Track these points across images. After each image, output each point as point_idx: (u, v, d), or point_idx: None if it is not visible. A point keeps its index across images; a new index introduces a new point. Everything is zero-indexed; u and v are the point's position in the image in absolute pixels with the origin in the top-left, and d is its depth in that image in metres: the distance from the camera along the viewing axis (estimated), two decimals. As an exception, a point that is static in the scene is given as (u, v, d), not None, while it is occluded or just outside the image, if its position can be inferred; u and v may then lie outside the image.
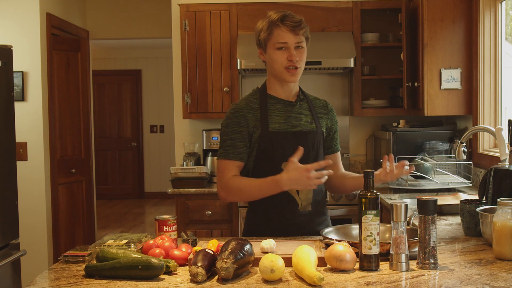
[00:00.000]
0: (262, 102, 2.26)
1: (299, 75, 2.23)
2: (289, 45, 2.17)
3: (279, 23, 2.17)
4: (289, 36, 2.17)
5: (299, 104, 2.30)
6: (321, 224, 2.30)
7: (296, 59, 2.18)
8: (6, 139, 3.32)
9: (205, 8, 4.20)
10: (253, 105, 2.26)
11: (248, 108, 2.25)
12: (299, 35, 2.18)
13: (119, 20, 6.12)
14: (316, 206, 2.29)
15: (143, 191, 10.04)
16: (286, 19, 2.17)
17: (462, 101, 3.79)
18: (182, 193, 3.90)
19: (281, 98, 2.28)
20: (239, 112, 2.24)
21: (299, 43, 2.19)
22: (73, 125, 5.25)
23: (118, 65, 9.96)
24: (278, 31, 2.18)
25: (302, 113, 2.29)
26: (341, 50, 4.07)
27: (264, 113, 2.24)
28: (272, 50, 2.20)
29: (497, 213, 1.84)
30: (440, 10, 3.74)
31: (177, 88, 4.51)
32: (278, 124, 2.24)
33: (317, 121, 2.30)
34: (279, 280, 1.63)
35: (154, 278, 1.68)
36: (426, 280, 1.62)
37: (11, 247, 3.33)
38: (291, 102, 2.29)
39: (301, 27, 2.18)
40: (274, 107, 2.26)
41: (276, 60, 2.20)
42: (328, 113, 2.36)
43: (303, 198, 2.24)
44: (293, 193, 2.23)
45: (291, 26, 2.16)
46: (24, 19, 4.57)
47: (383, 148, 4.18)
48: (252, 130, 2.23)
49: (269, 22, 2.20)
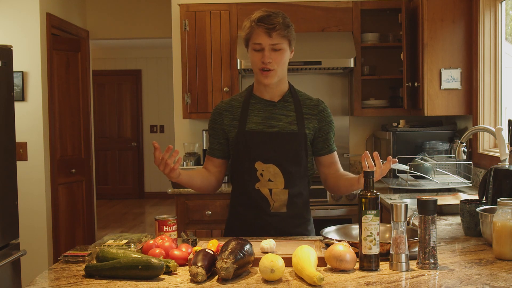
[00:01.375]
0: (245, 101, 2.29)
1: (275, 77, 2.21)
2: (263, 47, 2.17)
3: (255, 24, 2.17)
4: (263, 38, 2.17)
5: (282, 104, 2.28)
6: (298, 227, 2.30)
7: (269, 61, 2.17)
8: (6, 139, 3.32)
9: (205, 8, 4.20)
10: (234, 104, 2.31)
11: (227, 106, 2.31)
12: (273, 38, 2.16)
13: (119, 20, 6.12)
14: (293, 209, 2.28)
15: (143, 191, 10.04)
16: (262, 20, 2.16)
17: (462, 101, 3.79)
18: (182, 193, 3.90)
19: (263, 98, 2.29)
20: (217, 110, 2.33)
21: (274, 45, 2.17)
22: (73, 125, 5.25)
23: (118, 65, 9.96)
24: (255, 32, 2.18)
25: (283, 114, 2.27)
26: (341, 50, 4.07)
27: (243, 112, 2.27)
28: (251, 50, 2.23)
29: (497, 213, 1.84)
30: (440, 10, 3.74)
31: (177, 88, 4.51)
32: (255, 124, 2.25)
33: (300, 122, 2.26)
34: (279, 280, 1.63)
35: (154, 278, 1.68)
36: (426, 280, 1.62)
37: (11, 247, 3.33)
38: (273, 102, 2.28)
39: (276, 29, 2.15)
40: (255, 107, 2.28)
41: (253, 61, 2.23)
42: (317, 114, 2.30)
43: (275, 198, 2.24)
44: (266, 194, 2.24)
45: (265, 28, 2.15)
46: (24, 19, 4.57)
47: (383, 148, 4.18)
48: (227, 128, 2.28)
49: (249, 22, 2.21)
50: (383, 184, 3.76)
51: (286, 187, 2.24)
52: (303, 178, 2.29)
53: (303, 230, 2.30)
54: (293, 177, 2.24)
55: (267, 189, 2.24)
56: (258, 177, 2.23)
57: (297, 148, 2.25)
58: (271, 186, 2.24)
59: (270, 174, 2.23)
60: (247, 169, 2.23)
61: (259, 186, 2.24)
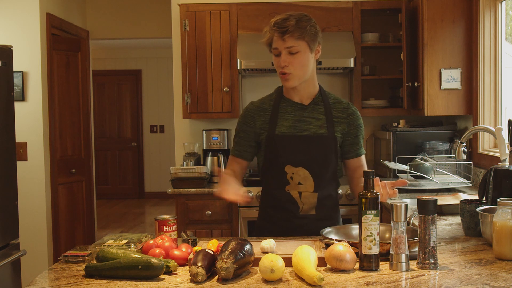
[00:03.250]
0: (275, 104, 2.28)
1: (294, 80, 2.20)
2: (279, 51, 2.18)
3: (270, 29, 2.19)
4: (278, 42, 2.18)
5: (312, 107, 2.27)
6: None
7: (284, 64, 2.17)
8: (6, 139, 3.32)
9: (205, 8, 4.20)
10: (266, 106, 2.30)
11: (259, 109, 2.30)
12: (286, 41, 2.15)
13: (119, 20, 6.12)
14: (322, 211, 2.28)
15: (143, 191, 10.04)
16: (275, 25, 2.17)
17: (462, 101, 3.79)
18: (182, 193, 3.90)
19: (294, 101, 2.28)
20: (249, 112, 2.31)
21: (289, 48, 2.16)
22: (73, 125, 5.25)
23: (118, 65, 9.96)
24: (273, 36, 2.19)
25: (314, 117, 2.26)
26: (341, 50, 4.07)
27: (274, 115, 2.26)
28: (272, 55, 2.24)
29: (497, 213, 1.84)
30: (440, 10, 3.74)
31: (177, 88, 4.51)
32: (286, 128, 2.24)
33: (330, 126, 2.25)
34: (279, 280, 1.63)
35: (154, 278, 1.68)
36: (426, 280, 1.62)
37: (11, 247, 3.33)
38: (303, 105, 2.28)
39: (288, 32, 2.14)
40: (285, 110, 2.27)
41: (275, 65, 2.24)
42: (347, 117, 2.29)
43: (304, 201, 2.25)
44: (296, 197, 2.24)
45: (278, 32, 2.16)
46: (24, 19, 4.57)
47: (383, 148, 4.18)
48: (259, 131, 2.27)
49: (268, 27, 2.22)
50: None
51: (316, 190, 2.24)
52: (332, 180, 2.29)
53: None
54: (323, 180, 2.24)
55: (297, 192, 2.24)
56: (288, 180, 2.23)
57: (327, 151, 2.24)
58: (300, 189, 2.24)
59: (300, 177, 2.23)
60: (277, 172, 2.23)
61: (289, 189, 2.24)
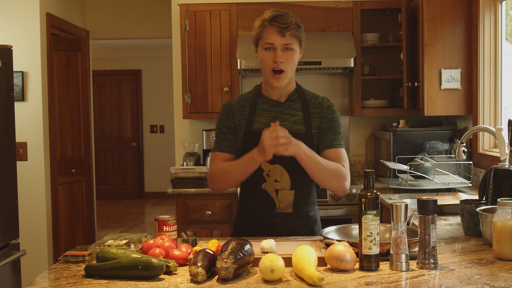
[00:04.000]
0: (253, 101, 2.29)
1: (285, 79, 2.21)
2: (275, 46, 2.17)
3: (267, 23, 2.17)
4: (276, 38, 2.16)
5: (288, 104, 2.28)
6: (304, 227, 2.29)
7: (281, 60, 2.16)
8: (6, 139, 3.32)
9: (205, 8, 4.20)
10: (244, 103, 2.31)
11: (237, 105, 2.30)
12: (287, 37, 2.15)
13: (119, 20, 6.12)
14: (299, 209, 2.27)
15: (143, 191, 10.04)
16: (276, 20, 2.15)
17: (462, 101, 3.78)
18: (182, 193, 3.90)
19: (270, 98, 2.29)
20: (229, 108, 2.31)
21: (286, 45, 2.17)
22: (73, 125, 5.24)
23: (118, 65, 9.96)
24: (267, 31, 2.17)
25: (289, 113, 2.26)
26: (341, 50, 4.07)
27: (251, 112, 2.27)
28: (261, 50, 2.21)
29: (497, 213, 1.84)
30: (440, 10, 3.74)
31: (177, 88, 4.51)
32: (261, 124, 2.23)
33: (307, 122, 2.25)
34: (279, 280, 1.63)
35: (154, 278, 1.68)
36: (426, 280, 1.62)
37: (11, 247, 3.33)
38: (279, 102, 2.28)
39: (289, 29, 2.15)
40: (262, 106, 2.28)
41: (263, 61, 2.21)
42: (321, 111, 2.27)
43: (281, 199, 2.24)
44: (272, 194, 2.24)
45: (278, 27, 2.15)
46: (24, 19, 4.57)
47: (383, 148, 4.18)
48: (237, 127, 2.27)
49: (261, 21, 2.20)
50: (383, 184, 3.77)
51: (292, 188, 2.23)
52: (309, 178, 2.26)
53: (308, 230, 2.29)
54: (300, 178, 2.23)
55: (274, 190, 2.23)
56: (264, 177, 2.23)
57: None
58: (277, 187, 2.23)
59: (277, 174, 2.22)
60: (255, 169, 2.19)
61: (266, 186, 2.24)
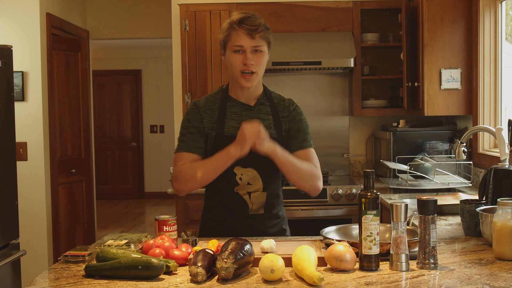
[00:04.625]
0: (222, 103, 2.25)
1: (256, 80, 2.20)
2: (245, 49, 2.15)
3: (236, 26, 2.15)
4: (245, 40, 2.14)
5: (258, 108, 2.26)
6: (275, 227, 2.30)
7: (251, 63, 2.15)
8: (6, 139, 3.32)
9: (205, 8, 4.20)
10: (212, 106, 2.26)
11: (205, 108, 2.25)
12: (256, 39, 2.14)
13: (119, 20, 6.12)
14: (270, 210, 2.28)
15: (143, 191, 10.04)
16: (244, 22, 2.14)
17: (462, 101, 3.79)
18: (182, 193, 3.89)
19: (240, 101, 2.26)
20: (196, 109, 2.25)
21: (256, 47, 2.15)
22: (73, 125, 5.25)
23: (118, 65, 9.96)
24: (235, 33, 2.16)
25: (259, 117, 2.22)
26: (341, 50, 4.07)
27: (221, 115, 2.23)
28: (230, 53, 2.19)
29: (497, 213, 1.84)
30: (440, 10, 3.75)
31: (177, 88, 4.51)
32: (233, 128, 2.20)
33: (278, 126, 2.24)
34: (279, 280, 1.63)
35: (154, 278, 1.68)
36: (426, 280, 1.62)
37: (11, 247, 3.33)
38: (249, 106, 2.26)
39: (259, 30, 2.14)
40: (232, 110, 2.25)
41: (232, 63, 2.18)
42: (288, 114, 2.28)
43: (254, 201, 2.23)
44: (245, 196, 2.23)
45: (247, 29, 2.13)
46: (24, 19, 4.57)
47: (383, 148, 4.18)
48: (207, 131, 2.22)
49: (229, 24, 2.18)
50: (383, 184, 3.77)
51: (265, 190, 2.24)
52: (279, 179, 2.30)
53: (278, 229, 2.31)
54: (271, 180, 2.25)
55: (246, 192, 2.22)
56: (237, 181, 2.21)
57: None
58: (250, 189, 2.22)
59: (249, 177, 2.21)
60: (226, 173, 2.16)
61: (238, 190, 2.22)
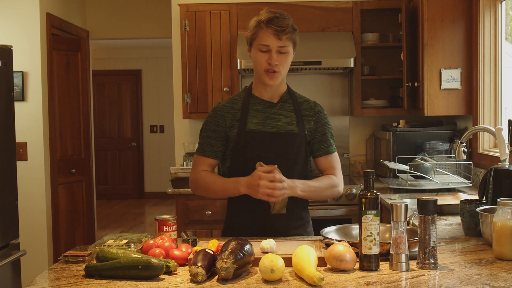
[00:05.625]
0: (245, 102, 2.28)
1: (279, 78, 2.21)
2: (270, 48, 2.16)
3: (264, 25, 2.16)
4: (271, 40, 2.15)
5: (281, 105, 2.28)
6: (298, 229, 2.29)
7: (276, 63, 2.16)
8: (6, 139, 3.32)
9: (205, 8, 4.20)
10: (235, 105, 2.28)
11: (228, 108, 2.28)
12: (282, 40, 2.15)
13: (119, 20, 6.12)
14: (293, 210, 2.27)
15: (143, 191, 10.04)
16: (272, 22, 2.15)
17: (462, 101, 3.79)
18: (182, 193, 3.90)
19: (262, 99, 2.28)
20: (219, 112, 2.28)
21: (282, 48, 2.16)
22: (73, 125, 5.25)
23: (118, 65, 9.96)
24: (262, 32, 2.17)
25: (282, 114, 2.26)
26: (341, 50, 4.07)
27: (244, 113, 2.25)
28: (255, 51, 2.21)
29: (497, 213, 1.84)
30: (440, 10, 3.74)
31: (177, 88, 4.51)
32: (254, 124, 2.23)
33: (300, 123, 2.26)
34: (279, 280, 1.63)
35: (154, 278, 1.68)
36: (426, 280, 1.62)
37: (11, 247, 3.33)
38: (272, 103, 2.28)
39: (286, 32, 2.15)
40: (254, 107, 2.27)
41: (257, 61, 2.20)
42: (314, 115, 2.30)
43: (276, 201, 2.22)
44: None
45: (275, 30, 2.14)
46: (24, 19, 4.57)
47: (383, 148, 4.18)
48: (228, 129, 2.25)
49: (256, 22, 2.19)
50: (383, 184, 3.77)
51: None
52: (303, 179, 2.27)
53: (302, 231, 2.30)
54: (294, 178, 2.22)
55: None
56: None
57: (298, 148, 2.24)
58: None
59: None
60: (247, 169, 2.18)
61: None
